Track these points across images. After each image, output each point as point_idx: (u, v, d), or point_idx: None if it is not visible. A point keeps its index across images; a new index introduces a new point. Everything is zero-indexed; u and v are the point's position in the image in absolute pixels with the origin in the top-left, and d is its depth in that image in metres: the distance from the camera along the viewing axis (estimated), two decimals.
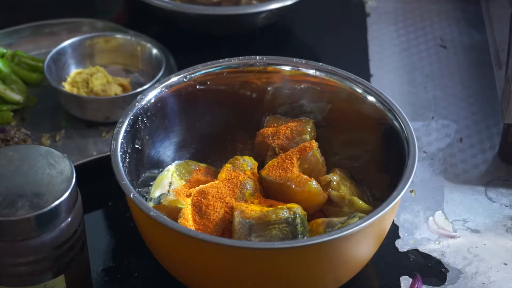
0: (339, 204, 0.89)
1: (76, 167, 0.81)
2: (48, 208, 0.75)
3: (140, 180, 0.91)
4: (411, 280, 0.89)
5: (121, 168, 0.84)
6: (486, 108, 1.12)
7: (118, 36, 1.16)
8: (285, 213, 0.83)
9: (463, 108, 1.12)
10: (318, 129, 0.95)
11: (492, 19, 1.14)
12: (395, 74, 1.19)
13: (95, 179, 0.99)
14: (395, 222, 0.96)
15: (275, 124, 0.96)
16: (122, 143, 0.87)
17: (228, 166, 0.91)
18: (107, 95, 1.09)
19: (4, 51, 1.15)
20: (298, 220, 0.83)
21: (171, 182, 0.91)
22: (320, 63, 0.96)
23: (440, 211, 0.98)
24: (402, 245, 0.94)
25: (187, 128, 0.97)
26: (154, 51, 1.14)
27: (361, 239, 0.80)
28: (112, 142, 0.87)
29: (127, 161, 0.87)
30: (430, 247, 0.93)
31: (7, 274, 0.78)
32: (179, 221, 0.84)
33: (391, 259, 0.92)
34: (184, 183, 0.91)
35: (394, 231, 0.95)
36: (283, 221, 0.83)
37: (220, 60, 0.96)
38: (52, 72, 1.10)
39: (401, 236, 0.95)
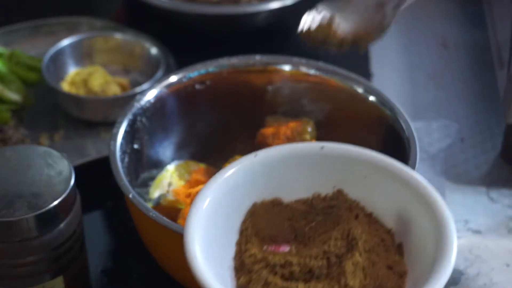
0: None
1: (74, 167, 0.80)
2: (47, 208, 0.75)
3: (139, 180, 0.91)
4: None
5: (120, 168, 0.83)
6: (488, 108, 1.12)
7: (117, 35, 1.16)
8: None
9: (465, 108, 1.12)
10: (318, 129, 0.95)
11: (495, 18, 1.13)
12: (396, 73, 1.19)
13: (94, 180, 0.99)
14: None
15: (275, 124, 0.95)
16: (121, 143, 0.87)
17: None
18: (106, 95, 1.08)
19: (2, 50, 1.14)
20: None
21: (171, 182, 0.91)
22: (320, 63, 0.95)
23: None
24: None
25: (187, 128, 0.96)
26: (153, 50, 1.13)
27: None
28: (111, 142, 0.86)
29: (126, 161, 0.87)
30: None
31: (5, 275, 0.78)
32: (178, 221, 0.84)
33: None
34: (183, 183, 0.91)
35: None
36: None
37: (220, 60, 0.96)
38: (51, 72, 1.10)
39: None
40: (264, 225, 0.69)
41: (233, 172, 0.70)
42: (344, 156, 0.72)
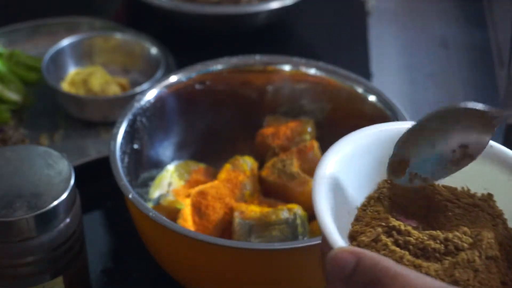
0: None
1: (74, 167, 0.80)
2: (47, 208, 0.75)
3: (139, 180, 0.91)
4: None
5: (120, 168, 0.83)
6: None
7: (117, 35, 1.16)
8: (285, 213, 0.83)
9: None
10: (318, 129, 0.95)
11: (495, 17, 1.13)
12: (396, 73, 1.19)
13: (94, 180, 0.99)
14: None
15: (275, 124, 0.95)
16: (121, 143, 0.87)
17: (228, 166, 0.90)
18: (106, 94, 1.08)
19: (2, 50, 1.14)
20: (298, 221, 0.83)
21: (171, 182, 0.91)
22: (321, 63, 0.95)
23: None
24: None
25: (187, 128, 0.96)
26: (153, 50, 1.13)
27: None
28: (111, 142, 0.86)
29: (126, 161, 0.87)
30: None
31: (5, 275, 0.78)
32: (178, 221, 0.84)
33: None
34: (183, 183, 0.91)
35: None
36: (283, 222, 0.82)
37: (220, 60, 0.96)
38: (51, 72, 1.10)
39: None
40: (402, 192, 0.67)
41: (401, 125, 0.68)
42: (511, 163, 0.68)
